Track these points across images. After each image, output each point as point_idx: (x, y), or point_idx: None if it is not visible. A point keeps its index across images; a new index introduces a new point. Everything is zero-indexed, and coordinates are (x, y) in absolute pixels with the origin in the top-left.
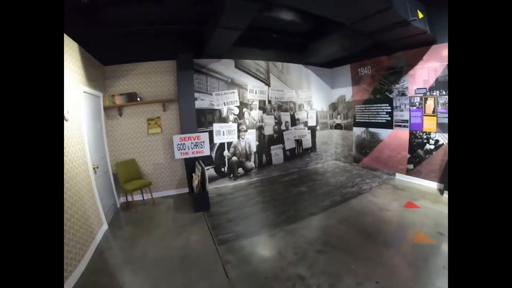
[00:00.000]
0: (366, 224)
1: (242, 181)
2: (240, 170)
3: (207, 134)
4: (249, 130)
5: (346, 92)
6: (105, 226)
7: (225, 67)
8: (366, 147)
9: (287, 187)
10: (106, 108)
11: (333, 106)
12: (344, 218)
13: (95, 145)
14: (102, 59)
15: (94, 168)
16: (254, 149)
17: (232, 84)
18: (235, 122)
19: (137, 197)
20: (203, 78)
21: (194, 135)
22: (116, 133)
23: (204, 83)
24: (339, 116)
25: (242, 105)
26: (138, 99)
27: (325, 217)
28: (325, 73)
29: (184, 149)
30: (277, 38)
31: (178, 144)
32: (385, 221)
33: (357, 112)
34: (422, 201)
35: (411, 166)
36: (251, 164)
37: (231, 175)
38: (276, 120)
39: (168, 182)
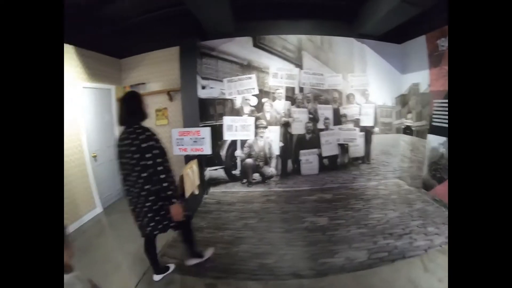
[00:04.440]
0: None
1: (257, 190)
2: (257, 175)
3: (209, 129)
4: (270, 127)
5: (422, 78)
6: (98, 210)
7: (240, 47)
8: (443, 169)
9: (302, 213)
10: None
11: (403, 100)
12: None
13: (99, 135)
14: (116, 53)
15: (93, 156)
16: (276, 151)
17: (248, 67)
18: (252, 116)
19: None
20: (212, 63)
21: (193, 129)
22: None
23: (214, 68)
24: (410, 115)
25: (262, 93)
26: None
27: None
28: (391, 49)
29: (183, 145)
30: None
31: (177, 138)
32: None
33: (436, 110)
34: None
35: None
36: (271, 170)
37: (244, 180)
38: (311, 116)
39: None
